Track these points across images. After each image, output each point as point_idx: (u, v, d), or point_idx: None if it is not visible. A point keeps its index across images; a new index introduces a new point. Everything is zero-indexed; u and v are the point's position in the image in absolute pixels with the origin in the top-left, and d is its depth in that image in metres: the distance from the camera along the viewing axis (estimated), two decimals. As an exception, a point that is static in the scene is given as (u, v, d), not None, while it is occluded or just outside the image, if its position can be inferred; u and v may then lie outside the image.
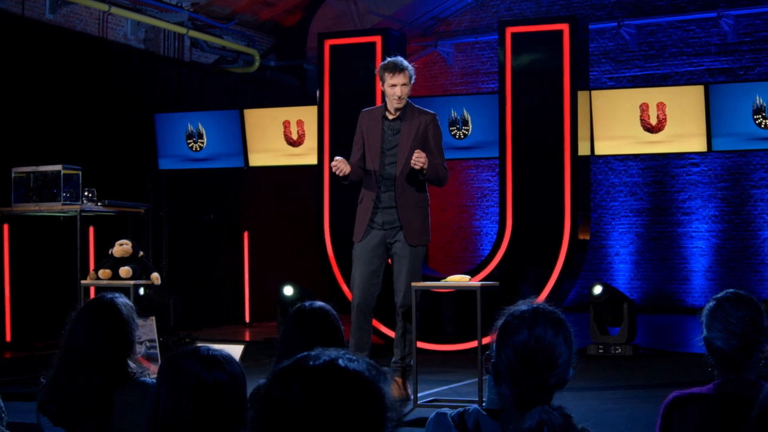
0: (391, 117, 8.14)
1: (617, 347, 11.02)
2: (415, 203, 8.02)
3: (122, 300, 4.52)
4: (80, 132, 12.89)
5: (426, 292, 10.86)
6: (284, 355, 4.40)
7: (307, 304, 4.38)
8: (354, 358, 2.00)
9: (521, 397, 3.11)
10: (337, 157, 8.04)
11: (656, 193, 17.31)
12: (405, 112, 8.11)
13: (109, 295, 4.57)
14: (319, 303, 4.36)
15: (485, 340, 4.34)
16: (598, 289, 11.22)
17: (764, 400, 1.95)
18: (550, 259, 11.17)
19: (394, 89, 8.01)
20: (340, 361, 1.96)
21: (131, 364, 4.37)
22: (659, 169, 17.25)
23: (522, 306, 3.27)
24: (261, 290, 15.42)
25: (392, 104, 8.09)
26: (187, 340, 11.48)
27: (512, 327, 3.16)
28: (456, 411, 3.71)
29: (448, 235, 18.85)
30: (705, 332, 3.86)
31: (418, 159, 7.80)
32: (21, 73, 12.26)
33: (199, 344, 3.20)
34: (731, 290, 3.92)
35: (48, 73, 12.62)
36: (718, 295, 3.90)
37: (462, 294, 10.42)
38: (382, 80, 8.10)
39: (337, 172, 8.00)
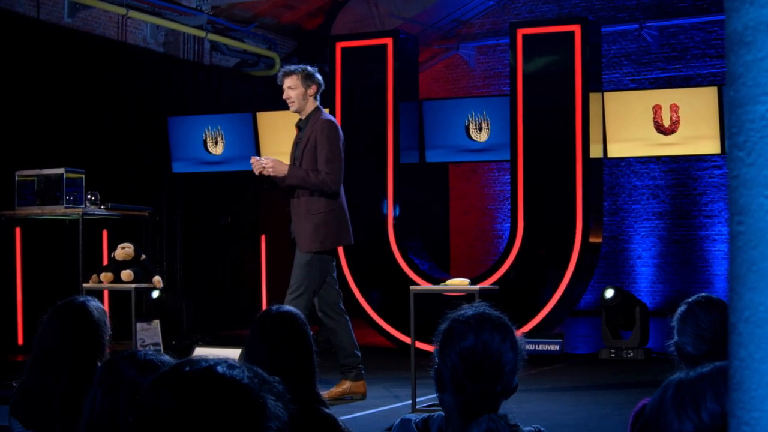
0: (299, 127, 8.19)
1: (629, 351, 10.92)
2: (306, 211, 8.04)
3: (94, 303, 4.50)
4: (97, 136, 12.92)
5: (437, 296, 10.81)
6: (249, 361, 4.37)
7: (273, 308, 4.33)
8: (237, 365, 1.95)
9: (467, 405, 3.03)
10: (256, 157, 8.12)
11: (678, 196, 17.17)
12: (307, 120, 8.11)
13: (81, 298, 4.56)
14: (286, 307, 4.31)
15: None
16: (609, 293, 11.12)
17: (648, 408, 1.89)
18: (561, 262, 11.10)
19: (284, 94, 8.07)
20: (219, 368, 1.91)
21: (102, 367, 4.34)
22: (681, 171, 17.11)
23: (467, 310, 3.16)
24: (279, 293, 15.32)
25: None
26: (200, 343, 11.47)
27: (458, 332, 3.06)
28: (420, 417, 3.65)
29: (470, 238, 18.78)
30: (676, 337, 3.78)
31: (254, 165, 7.93)
32: (36, 77, 12.30)
33: (138, 348, 3.17)
34: (703, 294, 3.84)
35: (64, 77, 12.66)
36: (689, 299, 3.82)
37: (473, 298, 10.33)
38: None
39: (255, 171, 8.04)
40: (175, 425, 1.84)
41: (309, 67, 8.17)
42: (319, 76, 8.15)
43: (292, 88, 8.03)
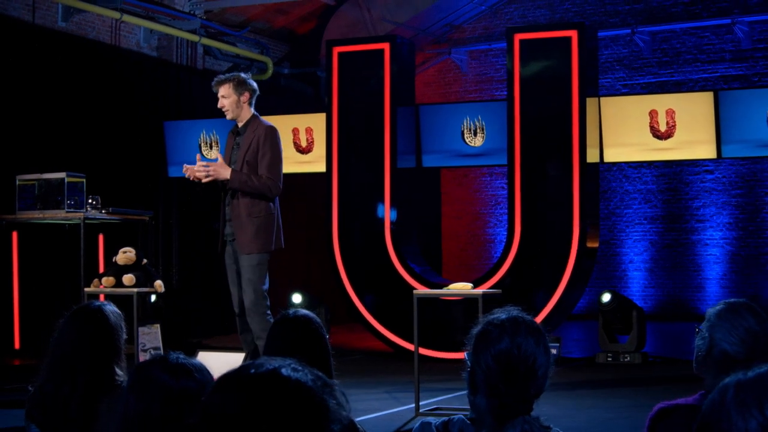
0: (237, 131, 8.27)
1: (626, 355, 10.96)
2: (248, 214, 8.08)
3: (110, 307, 4.49)
4: (91, 140, 12.90)
5: (435, 300, 10.84)
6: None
7: (290, 312, 4.36)
8: (299, 368, 1.96)
9: (501, 407, 3.04)
10: (190, 166, 8.17)
11: (670, 201, 17.24)
12: (246, 126, 8.18)
13: (97, 303, 4.55)
14: (302, 311, 4.33)
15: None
16: (606, 297, 11.16)
17: (706, 411, 1.92)
18: (558, 266, 11.13)
19: (218, 102, 8.15)
20: (283, 371, 1.92)
21: (119, 372, 4.35)
22: (673, 176, 17.18)
23: (500, 314, 3.18)
24: (273, 298, 15.36)
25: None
26: (197, 349, 11.45)
27: (493, 336, 3.08)
28: (440, 420, 3.65)
29: (462, 242, 18.82)
30: (710, 333, 3.60)
31: (196, 174, 8.00)
32: (31, 81, 12.29)
33: (169, 352, 3.18)
34: (743, 299, 3.72)
35: (59, 81, 12.65)
36: (731, 301, 3.69)
37: (470, 302, 10.37)
38: None
39: (185, 174, 8.15)
40: (241, 427, 1.85)
41: (242, 74, 8.28)
42: (252, 83, 8.23)
43: (225, 96, 8.11)
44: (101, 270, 11.27)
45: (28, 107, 12.20)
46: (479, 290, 8.24)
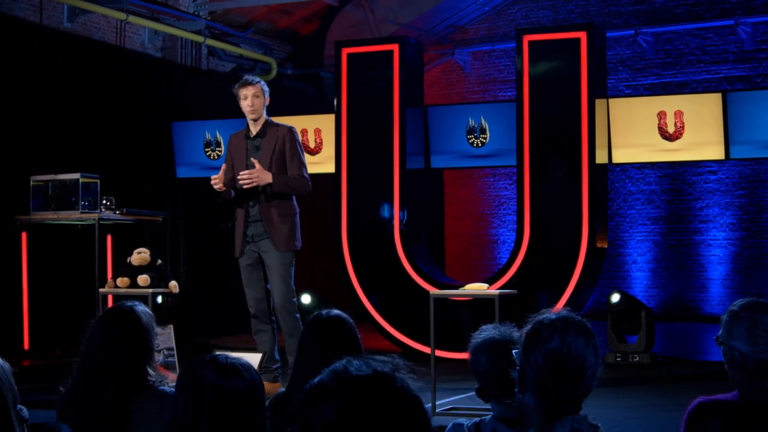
0: (252, 135, 8.49)
1: (635, 355, 10.99)
2: (279, 214, 8.36)
3: (141, 308, 4.51)
4: (97, 140, 12.89)
5: (444, 301, 10.86)
6: (301, 363, 4.42)
7: (324, 312, 4.41)
8: (368, 360, 1.99)
9: (551, 406, 3.06)
10: (217, 175, 8.37)
11: (673, 201, 17.27)
12: (265, 129, 8.45)
13: (129, 303, 4.56)
14: (335, 311, 4.38)
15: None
16: (615, 297, 11.20)
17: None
18: (568, 267, 11.15)
19: (245, 101, 8.41)
20: (351, 369, 1.94)
21: (151, 372, 4.37)
22: (676, 176, 17.20)
23: (550, 314, 3.21)
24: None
25: (248, 117, 8.48)
26: (213, 349, 11.44)
27: (543, 335, 3.10)
28: (472, 421, 3.67)
29: (465, 243, 18.83)
30: (737, 347, 3.54)
31: (241, 179, 8.23)
32: (38, 81, 12.28)
33: (217, 352, 3.20)
34: (747, 300, 3.68)
35: (66, 81, 12.64)
36: (736, 309, 3.62)
37: (480, 302, 10.39)
38: (238, 98, 8.49)
39: (215, 186, 8.37)
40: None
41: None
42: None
43: (257, 96, 8.41)
44: (110, 270, 11.29)
45: (35, 107, 12.19)
46: (495, 291, 8.26)
